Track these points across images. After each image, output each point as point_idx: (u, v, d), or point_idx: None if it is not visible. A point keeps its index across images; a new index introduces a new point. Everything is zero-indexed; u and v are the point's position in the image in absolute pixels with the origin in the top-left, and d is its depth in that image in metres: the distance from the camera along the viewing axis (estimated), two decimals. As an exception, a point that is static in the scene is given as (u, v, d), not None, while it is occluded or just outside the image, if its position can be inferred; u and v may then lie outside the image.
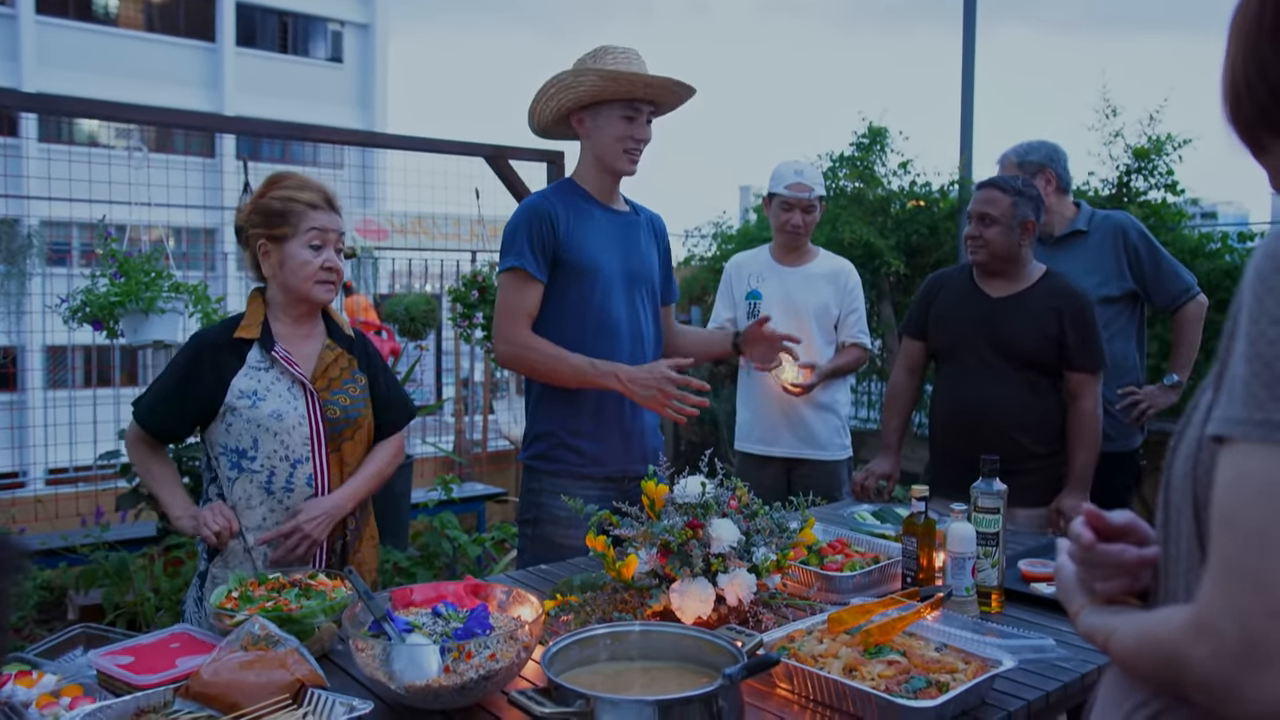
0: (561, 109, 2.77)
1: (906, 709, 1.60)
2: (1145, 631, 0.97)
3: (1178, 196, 5.93)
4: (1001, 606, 2.24)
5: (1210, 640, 0.85)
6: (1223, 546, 0.86)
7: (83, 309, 3.74)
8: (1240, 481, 0.85)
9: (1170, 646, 0.91)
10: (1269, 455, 0.83)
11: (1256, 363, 0.85)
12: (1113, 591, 1.10)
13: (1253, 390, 0.85)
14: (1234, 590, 0.84)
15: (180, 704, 1.62)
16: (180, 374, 2.39)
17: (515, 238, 2.73)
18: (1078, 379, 3.10)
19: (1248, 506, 0.84)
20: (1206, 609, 0.86)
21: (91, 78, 20.21)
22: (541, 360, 2.70)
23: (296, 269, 2.39)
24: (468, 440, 6.76)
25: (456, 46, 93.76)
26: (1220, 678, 0.85)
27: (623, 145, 2.75)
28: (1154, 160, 5.90)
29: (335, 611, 1.93)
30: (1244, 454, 0.85)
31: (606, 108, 2.73)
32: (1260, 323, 0.86)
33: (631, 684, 1.64)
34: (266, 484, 2.35)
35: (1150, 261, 3.48)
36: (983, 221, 3.12)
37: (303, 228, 2.38)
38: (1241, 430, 0.85)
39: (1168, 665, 0.92)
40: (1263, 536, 0.83)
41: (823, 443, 3.81)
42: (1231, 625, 0.84)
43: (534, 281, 2.71)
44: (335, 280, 2.44)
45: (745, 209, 8.94)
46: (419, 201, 5.91)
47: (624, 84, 2.69)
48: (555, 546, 2.73)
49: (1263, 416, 0.84)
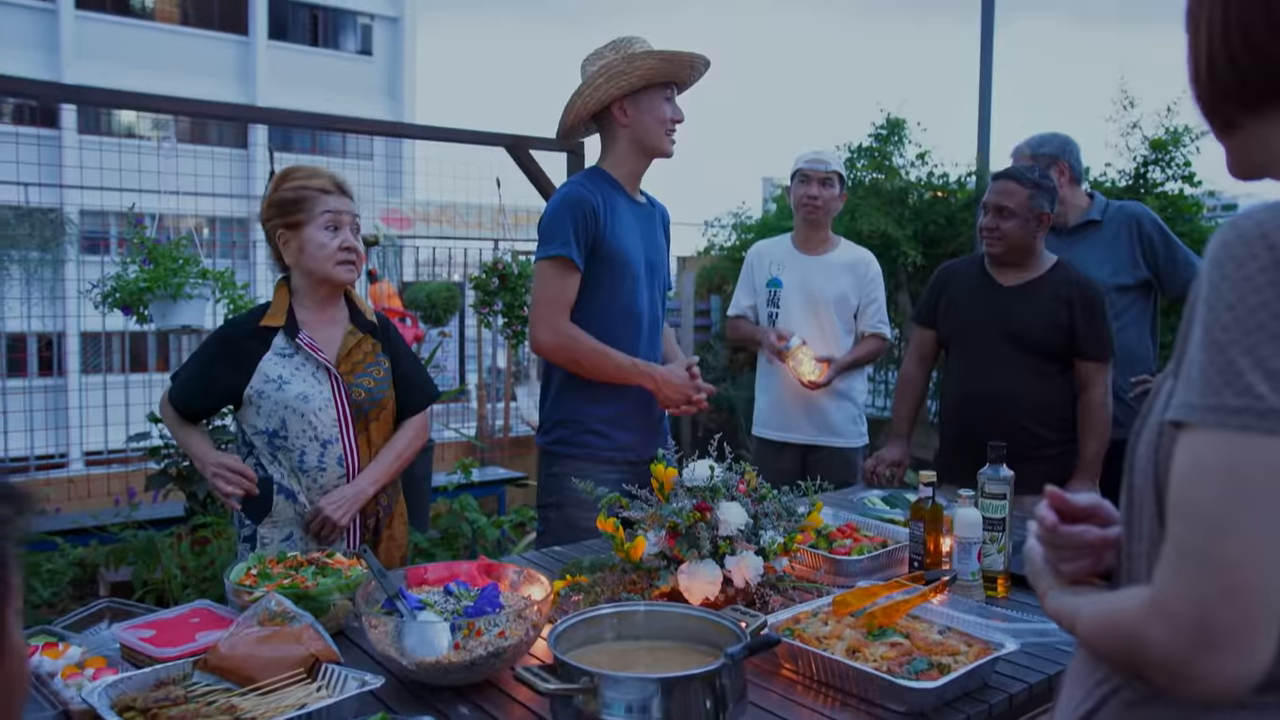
0: (608, 98, 2.73)
1: (907, 690, 1.59)
2: (1106, 612, 0.97)
3: (1195, 188, 5.86)
4: (1007, 591, 2.23)
5: (1166, 622, 0.86)
6: (1178, 529, 0.86)
7: (113, 294, 3.78)
8: (1195, 466, 0.85)
9: (1129, 627, 0.91)
10: (1222, 440, 0.83)
11: (1212, 349, 0.85)
12: (1077, 572, 1.11)
13: (1208, 376, 0.85)
14: (1189, 573, 0.84)
15: (199, 676, 1.64)
16: (207, 359, 2.48)
17: (559, 226, 2.67)
18: (1087, 368, 3.07)
19: (1202, 491, 0.84)
20: (1163, 591, 0.87)
21: (128, 70, 20.33)
22: (587, 354, 2.69)
23: (315, 252, 2.42)
24: (489, 425, 6.78)
25: (481, 39, 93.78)
26: (1176, 658, 0.85)
27: (665, 127, 2.77)
28: (1171, 152, 5.82)
29: (350, 589, 1.94)
30: (1199, 439, 0.85)
31: (648, 92, 2.73)
32: (1215, 309, 0.86)
33: (636, 663, 1.64)
34: (299, 463, 2.42)
35: (1164, 250, 3.45)
36: (1000, 214, 3.08)
37: (317, 211, 2.42)
38: (1197, 415, 0.85)
39: (1127, 645, 0.92)
40: (1216, 520, 0.83)
41: (839, 430, 3.80)
42: (1187, 607, 0.84)
43: (576, 271, 2.68)
44: (355, 261, 2.47)
45: (766, 199, 8.90)
46: (442, 191, 5.93)
47: (675, 64, 2.70)
48: (578, 529, 2.73)
49: (1217, 402, 0.84)
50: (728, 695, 1.49)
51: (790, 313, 3.78)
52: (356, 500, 2.43)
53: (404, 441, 2.57)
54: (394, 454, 2.53)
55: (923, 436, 3.96)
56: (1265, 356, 0.82)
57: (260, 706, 1.51)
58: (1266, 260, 0.83)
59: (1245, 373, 0.82)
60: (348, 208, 2.47)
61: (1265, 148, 0.97)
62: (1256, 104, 0.95)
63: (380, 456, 2.51)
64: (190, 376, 2.48)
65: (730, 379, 7.00)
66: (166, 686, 1.60)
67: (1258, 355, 0.82)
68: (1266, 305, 0.82)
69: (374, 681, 1.57)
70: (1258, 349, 0.82)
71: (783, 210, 7.28)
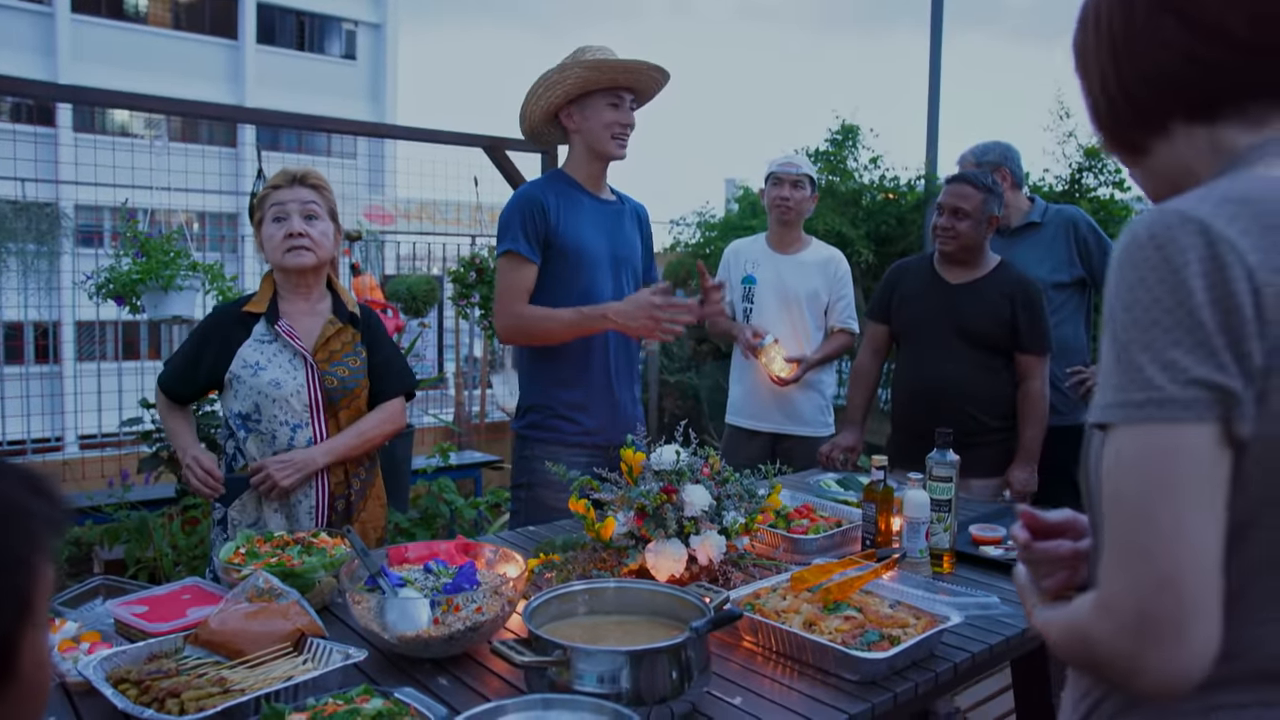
0: (551, 106, 2.77)
1: (861, 660, 1.60)
2: (1066, 621, 0.94)
3: (1125, 193, 5.93)
4: (952, 567, 2.25)
5: (1111, 618, 0.84)
6: (1112, 525, 0.85)
7: (107, 285, 3.71)
8: (1117, 463, 0.84)
9: (1081, 630, 0.88)
10: (1134, 434, 0.83)
11: (1117, 348, 0.85)
12: (1055, 586, 1.07)
13: (1116, 376, 0.85)
14: (1125, 565, 0.83)
15: (190, 650, 1.62)
16: (195, 343, 2.47)
17: (510, 224, 2.74)
18: (1027, 360, 3.10)
19: (1125, 485, 0.83)
20: (1106, 588, 0.85)
21: (122, 72, 19.99)
22: (535, 324, 2.70)
23: (266, 243, 2.44)
24: (466, 412, 6.75)
25: (460, 45, 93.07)
26: (1122, 653, 0.83)
27: (610, 131, 2.75)
28: (1103, 159, 5.89)
29: (334, 567, 1.92)
30: (1118, 436, 0.84)
31: (592, 99, 2.73)
32: (1115, 311, 0.86)
33: (606, 636, 1.64)
34: (271, 444, 2.40)
35: (1098, 251, 3.49)
36: (955, 215, 3.10)
37: (267, 207, 2.44)
38: (1111, 414, 0.85)
39: (1083, 649, 0.89)
40: (1139, 511, 0.82)
41: (807, 419, 3.79)
42: (1127, 601, 0.82)
43: (528, 263, 2.72)
44: (307, 245, 2.41)
45: (729, 199, 8.89)
46: (423, 189, 5.88)
47: (605, 72, 2.69)
48: (547, 509, 2.74)
49: (1124, 398, 0.83)
50: (693, 666, 1.49)
51: (764, 308, 3.78)
52: (304, 466, 2.35)
53: (371, 422, 2.49)
54: (356, 431, 2.46)
55: (874, 424, 3.98)
56: (1160, 349, 0.81)
57: (249, 679, 1.49)
58: (1156, 259, 0.83)
59: (1144, 367, 0.82)
60: (295, 196, 2.42)
61: (1177, 161, 0.97)
62: (1160, 123, 0.96)
63: (343, 432, 2.44)
64: (179, 361, 2.48)
65: (695, 368, 7.00)
66: (159, 660, 1.58)
67: (1154, 349, 0.82)
68: (1158, 301, 0.82)
69: (357, 655, 1.55)
70: (1154, 343, 0.82)
71: (744, 210, 7.29)
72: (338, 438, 2.44)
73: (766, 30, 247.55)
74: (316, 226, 2.43)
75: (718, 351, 6.60)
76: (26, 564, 0.71)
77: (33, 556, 0.71)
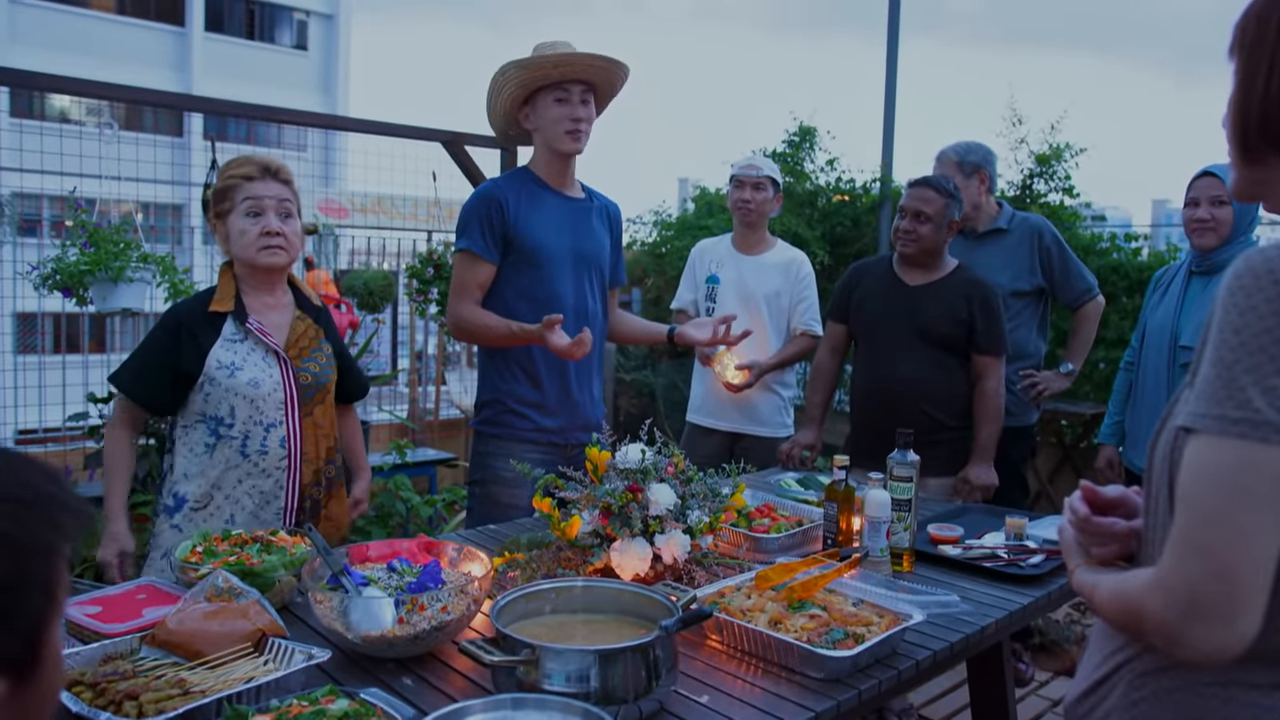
0: (505, 109, 2.78)
1: (826, 658, 1.62)
2: (1118, 588, 1.06)
3: (1074, 199, 6.04)
4: (912, 566, 2.28)
5: (1164, 595, 0.95)
6: (1181, 520, 0.95)
7: (53, 277, 3.61)
8: (1198, 467, 0.94)
9: (1134, 600, 1.01)
10: (1222, 445, 0.92)
11: (1219, 366, 0.93)
12: (1105, 556, 1.19)
13: (1215, 390, 0.93)
14: (1186, 556, 0.93)
15: (146, 651, 1.58)
16: (162, 346, 2.33)
17: (469, 222, 2.75)
18: (983, 361, 3.15)
19: (1202, 488, 0.93)
20: (1164, 570, 0.96)
21: (63, 57, 19.43)
22: (475, 327, 2.74)
23: (237, 239, 2.35)
24: (421, 409, 6.68)
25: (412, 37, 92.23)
26: (1170, 626, 0.95)
27: (562, 126, 2.72)
28: (1054, 166, 5.98)
29: (295, 566, 1.89)
30: (1203, 443, 0.94)
31: (540, 97, 2.72)
32: (1224, 333, 0.94)
33: (574, 635, 1.64)
34: (242, 448, 2.32)
35: (1060, 263, 3.55)
36: (917, 218, 3.13)
37: (238, 199, 2.34)
38: (1202, 423, 0.94)
39: (1132, 616, 1.02)
40: (1212, 513, 0.92)
41: (765, 419, 3.81)
42: (1181, 583, 0.94)
43: (483, 262, 2.73)
44: (282, 245, 2.36)
45: (684, 199, 8.90)
46: (379, 183, 5.79)
47: (535, 68, 2.67)
48: (501, 506, 2.74)
49: (1219, 412, 0.92)
50: (660, 665, 1.49)
51: (725, 308, 3.78)
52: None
53: (358, 440, 2.75)
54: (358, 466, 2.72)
55: (831, 424, 4.01)
56: (1264, 375, 0.90)
57: (209, 680, 1.46)
58: (1272, 292, 0.91)
59: (1246, 388, 0.91)
60: (273, 192, 2.35)
61: (1274, 183, 1.04)
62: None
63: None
64: (148, 367, 2.33)
65: (651, 366, 7.00)
66: (114, 661, 1.54)
67: (1258, 374, 0.91)
68: (1269, 331, 0.90)
69: (320, 655, 1.53)
70: (1259, 369, 0.91)
71: (701, 209, 7.30)
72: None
73: (719, 29, 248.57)
74: (290, 225, 2.38)
75: (673, 350, 6.61)
76: (55, 553, 0.71)
77: (60, 546, 0.72)
